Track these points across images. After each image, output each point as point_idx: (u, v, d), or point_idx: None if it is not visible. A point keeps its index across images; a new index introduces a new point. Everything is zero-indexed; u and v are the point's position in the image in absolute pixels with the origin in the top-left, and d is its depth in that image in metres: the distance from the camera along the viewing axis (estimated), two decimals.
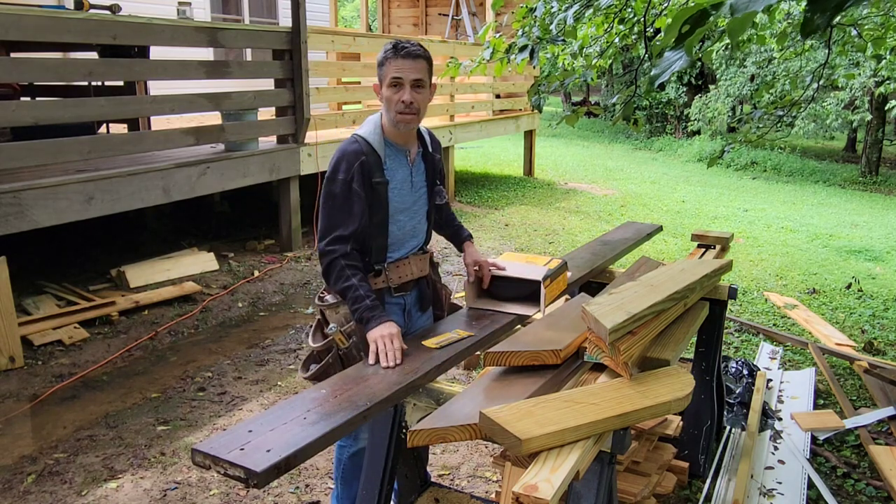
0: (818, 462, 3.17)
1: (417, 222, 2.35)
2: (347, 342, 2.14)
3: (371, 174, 2.17)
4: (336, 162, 2.18)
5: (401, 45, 2.14)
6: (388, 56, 2.14)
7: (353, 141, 2.20)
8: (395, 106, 2.15)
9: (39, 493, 2.83)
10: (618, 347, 1.82)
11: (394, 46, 2.14)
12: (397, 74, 2.13)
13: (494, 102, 9.82)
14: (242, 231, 6.63)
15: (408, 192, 2.29)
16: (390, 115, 2.18)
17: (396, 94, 2.14)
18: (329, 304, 2.20)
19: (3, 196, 3.83)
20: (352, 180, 2.14)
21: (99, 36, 4.45)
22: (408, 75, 2.13)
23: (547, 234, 7.42)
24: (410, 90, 2.14)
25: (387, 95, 2.16)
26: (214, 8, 9.38)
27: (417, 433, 1.67)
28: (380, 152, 2.20)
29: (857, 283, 6.05)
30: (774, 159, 14.80)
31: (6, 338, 3.80)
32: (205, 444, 1.51)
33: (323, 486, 2.92)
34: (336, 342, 2.14)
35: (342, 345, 2.13)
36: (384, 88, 2.17)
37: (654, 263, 3.10)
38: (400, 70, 2.13)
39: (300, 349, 4.31)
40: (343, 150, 2.19)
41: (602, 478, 1.71)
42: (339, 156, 2.19)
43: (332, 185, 2.17)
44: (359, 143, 2.19)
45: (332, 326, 2.14)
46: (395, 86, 2.14)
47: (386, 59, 2.15)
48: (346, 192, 2.15)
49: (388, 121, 2.21)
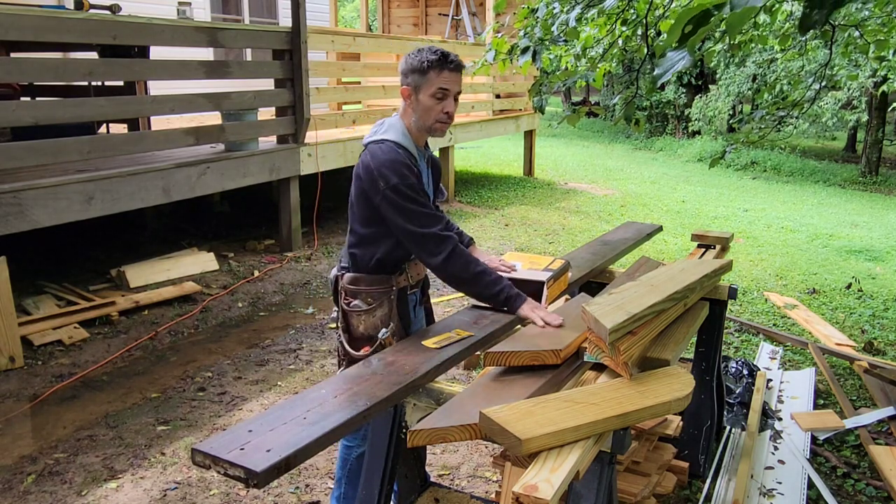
0: (818, 462, 3.17)
1: None
2: (394, 342, 2.20)
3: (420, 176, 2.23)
4: (398, 169, 2.14)
5: (450, 58, 2.16)
6: (434, 65, 2.14)
7: (396, 149, 2.18)
8: (438, 115, 2.18)
9: (39, 493, 2.83)
10: (618, 347, 1.82)
11: (443, 56, 2.15)
12: (445, 86, 2.15)
13: (494, 102, 9.82)
14: (242, 231, 6.63)
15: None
16: (426, 122, 2.20)
17: (440, 104, 2.17)
18: (362, 310, 2.23)
19: (3, 196, 3.83)
20: (419, 178, 2.19)
21: (99, 36, 4.45)
22: (454, 87, 2.17)
23: (547, 234, 7.42)
24: (454, 101, 2.20)
25: (428, 104, 2.17)
26: (214, 8, 9.38)
27: (417, 433, 1.67)
28: (415, 156, 2.24)
29: (857, 283, 6.05)
30: (774, 159, 14.80)
31: (6, 338, 3.80)
32: (205, 444, 1.51)
33: (323, 486, 2.92)
34: (384, 345, 2.19)
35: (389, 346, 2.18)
36: (425, 96, 2.17)
37: (654, 263, 3.10)
38: (448, 82, 2.16)
39: (300, 349, 4.31)
40: (393, 160, 2.15)
41: (602, 478, 1.71)
42: (396, 165, 2.14)
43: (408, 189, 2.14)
44: (402, 150, 2.19)
45: (384, 331, 2.20)
46: (440, 97, 2.17)
47: (431, 68, 2.14)
48: (422, 189, 2.19)
49: (418, 126, 2.23)
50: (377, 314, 2.23)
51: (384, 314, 2.23)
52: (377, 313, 2.23)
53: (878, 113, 14.40)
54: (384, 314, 2.23)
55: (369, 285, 2.25)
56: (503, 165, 12.26)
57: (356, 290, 2.26)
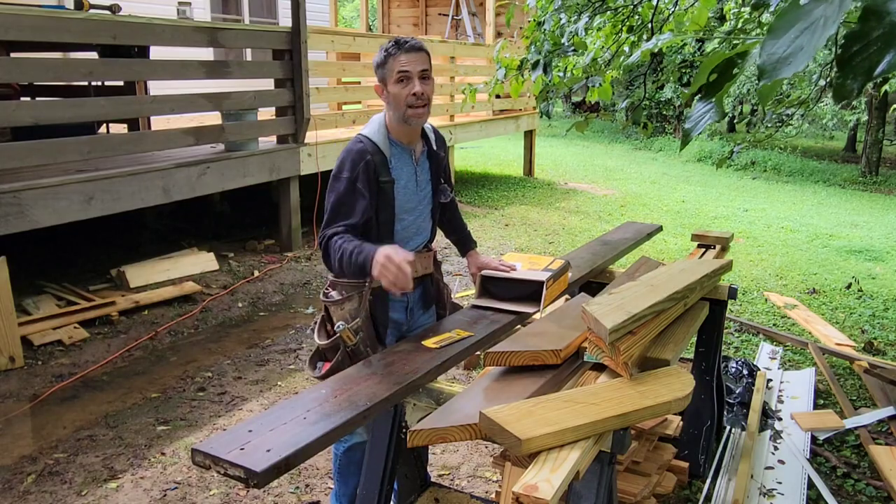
0: (818, 462, 3.17)
1: (422, 221, 2.36)
2: (355, 338, 2.16)
3: (377, 173, 2.17)
4: (341, 161, 2.18)
5: (402, 40, 2.15)
6: (390, 53, 2.14)
7: (358, 141, 2.20)
8: (406, 100, 2.13)
9: (39, 493, 2.83)
10: (618, 347, 1.82)
11: (395, 43, 2.14)
12: (404, 68, 2.12)
13: (494, 102, 9.82)
14: (242, 231, 6.63)
15: (413, 191, 2.29)
16: (399, 112, 2.17)
17: (405, 87, 2.13)
18: (334, 301, 2.21)
19: (3, 196, 3.83)
20: (356, 179, 2.14)
21: (99, 36, 4.45)
22: (415, 67, 2.13)
23: (547, 234, 7.42)
24: (420, 82, 2.14)
25: (395, 92, 2.14)
26: (214, 8, 9.38)
27: (417, 433, 1.67)
28: (385, 152, 2.20)
29: (857, 283, 6.04)
30: (774, 159, 14.79)
31: (6, 338, 3.80)
32: (205, 444, 1.51)
33: (323, 486, 2.92)
34: (343, 339, 2.15)
35: (349, 342, 2.15)
36: (391, 85, 2.15)
37: (654, 263, 3.10)
38: (406, 63, 2.12)
39: (300, 349, 4.31)
40: (348, 150, 2.18)
41: (602, 478, 1.71)
42: (344, 155, 2.18)
43: (337, 182, 2.17)
44: (364, 143, 2.18)
45: (340, 325, 2.16)
46: (402, 80, 2.13)
47: (388, 57, 2.14)
48: (351, 190, 2.14)
49: (396, 119, 2.20)
50: (346, 307, 2.20)
51: (353, 308, 2.19)
52: (346, 306, 2.20)
53: (878, 113, 14.40)
54: (353, 308, 2.19)
55: (347, 279, 2.21)
56: (503, 165, 12.26)
57: (336, 282, 2.25)
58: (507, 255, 2.63)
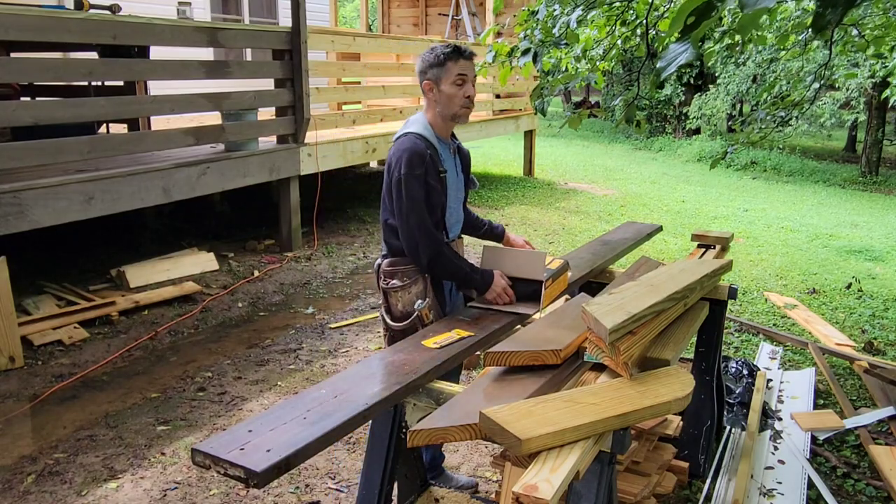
0: (818, 462, 3.17)
1: (460, 210, 2.61)
2: (431, 316, 2.39)
3: (437, 166, 2.38)
4: (408, 159, 2.32)
5: (463, 48, 2.39)
6: (450, 56, 2.36)
7: (415, 140, 2.36)
8: (461, 101, 2.38)
9: (39, 493, 2.83)
10: (618, 347, 1.82)
11: (456, 49, 2.37)
12: (463, 72, 2.37)
13: (494, 102, 9.82)
14: (242, 231, 6.63)
15: (454, 181, 2.50)
16: (451, 111, 2.39)
17: (461, 89, 2.38)
18: (398, 287, 2.41)
19: (3, 196, 3.83)
20: (426, 175, 2.33)
21: (99, 36, 4.45)
22: (470, 73, 2.40)
23: (547, 234, 7.42)
24: (471, 86, 2.40)
25: (450, 92, 2.37)
26: (214, 8, 9.38)
27: (417, 433, 1.67)
28: (437, 146, 2.41)
29: (857, 283, 6.05)
30: (774, 159, 14.80)
31: (6, 338, 3.80)
32: (205, 444, 1.51)
33: (323, 486, 2.92)
34: (422, 317, 2.37)
35: (427, 319, 2.38)
36: (446, 86, 2.37)
37: (654, 263, 3.10)
38: (465, 69, 2.38)
39: (300, 349, 4.31)
40: (410, 150, 2.34)
41: (602, 478, 1.71)
42: (409, 155, 2.33)
43: (412, 180, 2.31)
44: (421, 141, 2.36)
45: (419, 303, 2.37)
46: (460, 84, 2.37)
47: (448, 59, 2.36)
48: (425, 185, 2.33)
49: (443, 116, 2.41)
50: (412, 290, 2.40)
51: (419, 290, 2.40)
52: (412, 290, 2.40)
53: (878, 113, 14.40)
54: (419, 290, 2.40)
55: (405, 265, 2.41)
56: (503, 165, 12.26)
57: (393, 271, 2.43)
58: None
